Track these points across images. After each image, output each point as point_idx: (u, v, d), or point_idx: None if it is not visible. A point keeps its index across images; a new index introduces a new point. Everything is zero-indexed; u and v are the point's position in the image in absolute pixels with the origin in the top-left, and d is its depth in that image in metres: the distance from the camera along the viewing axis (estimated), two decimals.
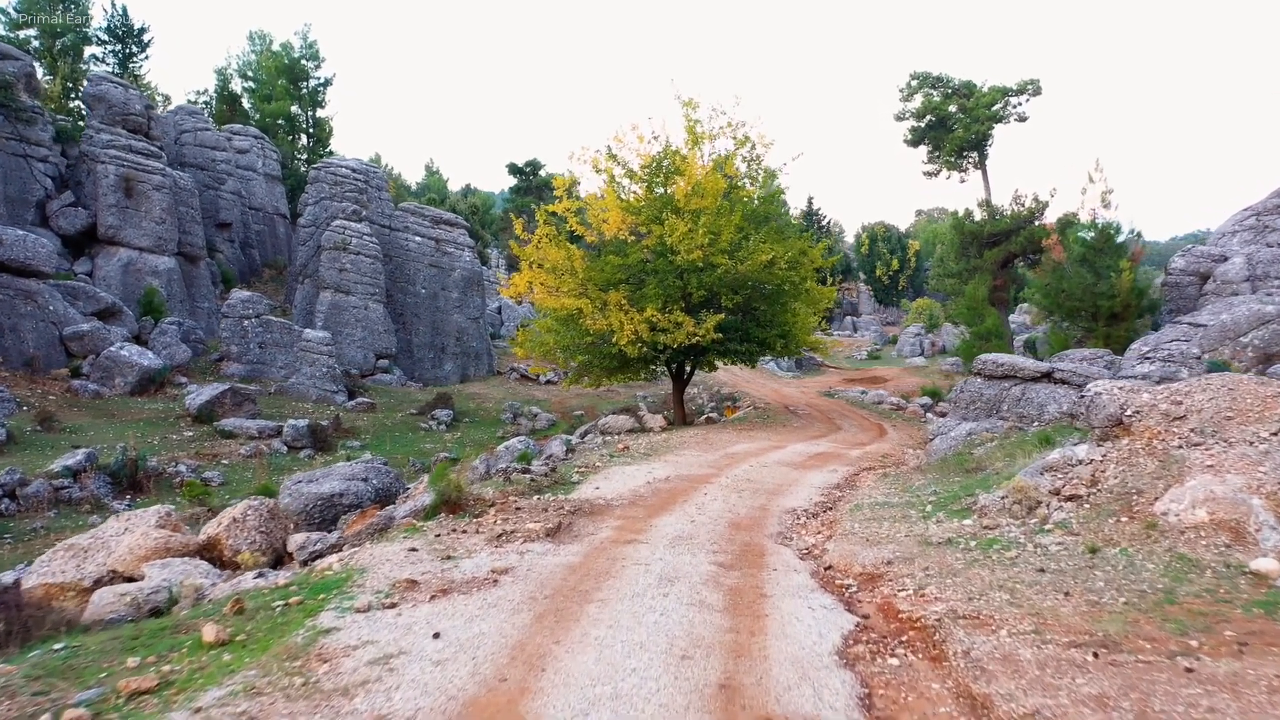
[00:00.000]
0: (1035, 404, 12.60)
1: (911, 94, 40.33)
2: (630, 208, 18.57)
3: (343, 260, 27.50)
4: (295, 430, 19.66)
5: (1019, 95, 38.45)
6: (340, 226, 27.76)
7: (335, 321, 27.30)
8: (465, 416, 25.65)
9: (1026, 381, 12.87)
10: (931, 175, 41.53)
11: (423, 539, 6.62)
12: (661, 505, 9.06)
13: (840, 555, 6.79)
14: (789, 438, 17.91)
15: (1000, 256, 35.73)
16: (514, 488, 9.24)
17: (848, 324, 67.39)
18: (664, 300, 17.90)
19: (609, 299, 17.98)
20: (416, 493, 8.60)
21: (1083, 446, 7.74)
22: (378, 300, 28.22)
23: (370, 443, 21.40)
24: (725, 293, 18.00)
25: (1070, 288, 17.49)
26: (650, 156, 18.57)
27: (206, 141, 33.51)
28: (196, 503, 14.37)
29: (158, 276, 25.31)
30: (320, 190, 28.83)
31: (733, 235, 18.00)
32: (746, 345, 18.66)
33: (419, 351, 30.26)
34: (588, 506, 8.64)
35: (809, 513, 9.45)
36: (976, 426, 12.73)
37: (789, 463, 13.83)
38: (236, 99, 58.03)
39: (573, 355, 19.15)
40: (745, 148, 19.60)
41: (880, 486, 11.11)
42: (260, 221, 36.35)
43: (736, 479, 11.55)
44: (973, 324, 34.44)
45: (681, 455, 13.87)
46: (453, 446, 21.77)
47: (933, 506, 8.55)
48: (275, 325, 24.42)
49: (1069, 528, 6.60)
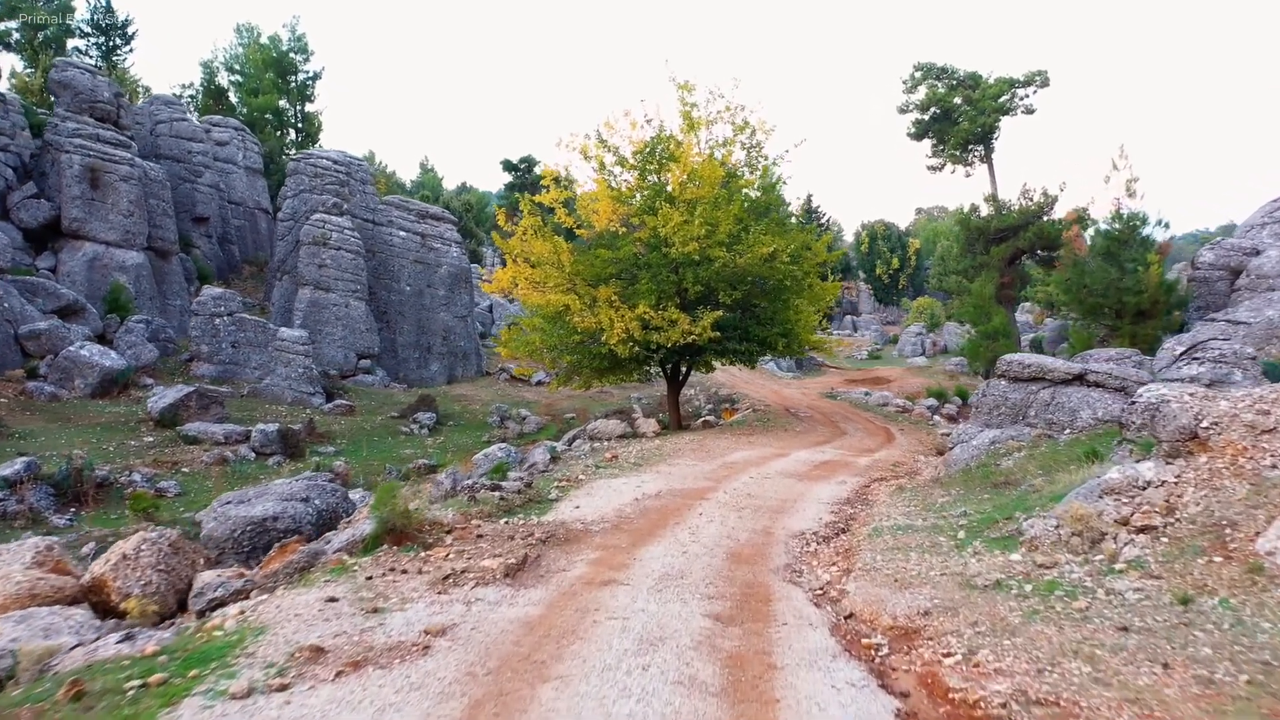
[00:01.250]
0: (1066, 409, 11.38)
1: (915, 86, 39.11)
2: (621, 197, 17.33)
3: (322, 256, 26.20)
4: (264, 435, 18.39)
5: (1026, 87, 37.25)
6: (320, 220, 26.46)
7: (314, 320, 26.00)
8: (450, 419, 24.38)
9: (1056, 384, 11.65)
10: (936, 169, 40.33)
11: (349, 583, 5.37)
12: (649, 529, 7.81)
13: (864, 600, 5.55)
14: (791, 444, 16.68)
15: (1008, 253, 34.51)
16: (479, 509, 7.99)
17: (847, 323, 66.19)
18: (657, 296, 16.65)
19: (599, 295, 16.74)
20: (362, 517, 7.36)
21: (1147, 464, 6.50)
22: (359, 298, 26.92)
23: (346, 448, 20.14)
24: (723, 288, 16.76)
25: (1093, 283, 16.28)
26: (643, 142, 17.32)
27: (183, 133, 32.15)
28: (142, 517, 13.11)
29: (125, 272, 24.01)
30: (299, 183, 27.52)
31: (731, 226, 16.75)
32: (746, 345, 17.41)
33: (404, 351, 28.97)
34: (562, 532, 7.39)
35: (820, 536, 8.22)
36: (1001, 434, 11.50)
37: (793, 473, 12.59)
38: (223, 93, 56.68)
39: (560, 355, 17.90)
40: (744, 134, 18.35)
41: (898, 503, 9.87)
42: (241, 216, 35.01)
43: (736, 494, 10.30)
44: (979, 323, 33.27)
45: (675, 465, 12.62)
46: (433, 452, 20.51)
47: (965, 533, 7.31)
48: (249, 324, 23.13)
49: (1146, 568, 5.37)
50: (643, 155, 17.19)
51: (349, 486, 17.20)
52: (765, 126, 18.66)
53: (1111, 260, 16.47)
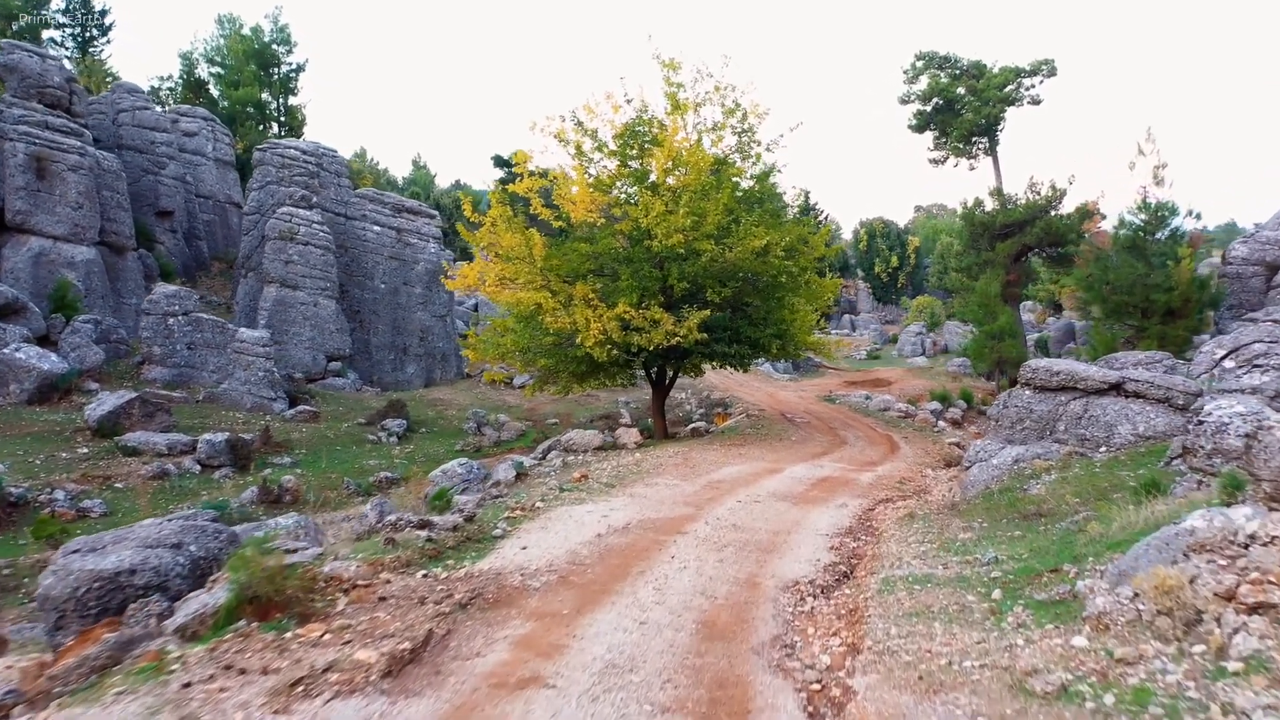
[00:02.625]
0: (1102, 423, 9.86)
1: (917, 75, 37.56)
2: (600, 185, 15.78)
3: (289, 251, 24.61)
4: (211, 446, 16.83)
5: (1032, 76, 35.71)
6: (287, 214, 24.87)
7: (280, 319, 24.42)
8: (422, 426, 22.83)
9: (1089, 395, 10.14)
10: (938, 163, 38.78)
11: (153, 696, 3.81)
12: (604, 582, 6.28)
13: (878, 713, 4.01)
14: (787, 456, 15.16)
15: (1014, 249, 33.06)
16: (396, 555, 6.45)
17: (846, 322, 64.72)
18: (639, 294, 15.13)
19: (574, 292, 15.21)
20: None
21: (1243, 511, 4.98)
22: (329, 296, 25.34)
23: (303, 459, 18.58)
24: (711, 285, 15.23)
25: (1117, 279, 14.79)
26: (623, 126, 15.77)
27: (145, 122, 30.46)
28: (47, 545, 11.55)
29: (74, 269, 22.40)
30: (266, 174, 25.91)
31: (720, 218, 15.23)
32: (736, 347, 15.88)
33: (378, 353, 27.40)
34: (492, 590, 5.85)
35: (818, 587, 6.70)
36: (1025, 451, 9.99)
37: (787, 495, 11.06)
38: (203, 85, 55.07)
39: (533, 359, 16.35)
40: (735, 117, 16.81)
41: (910, 538, 8.34)
42: (210, 211, 33.35)
43: (719, 525, 8.77)
44: (984, 322, 31.83)
45: (653, 485, 11.09)
46: (399, 463, 18.96)
47: (1002, 591, 5.78)
48: (206, 324, 21.56)
49: (1272, 669, 3.85)
50: (623, 139, 15.63)
51: (298, 503, 15.67)
52: (758, 110, 17.13)
53: (1138, 254, 14.98)
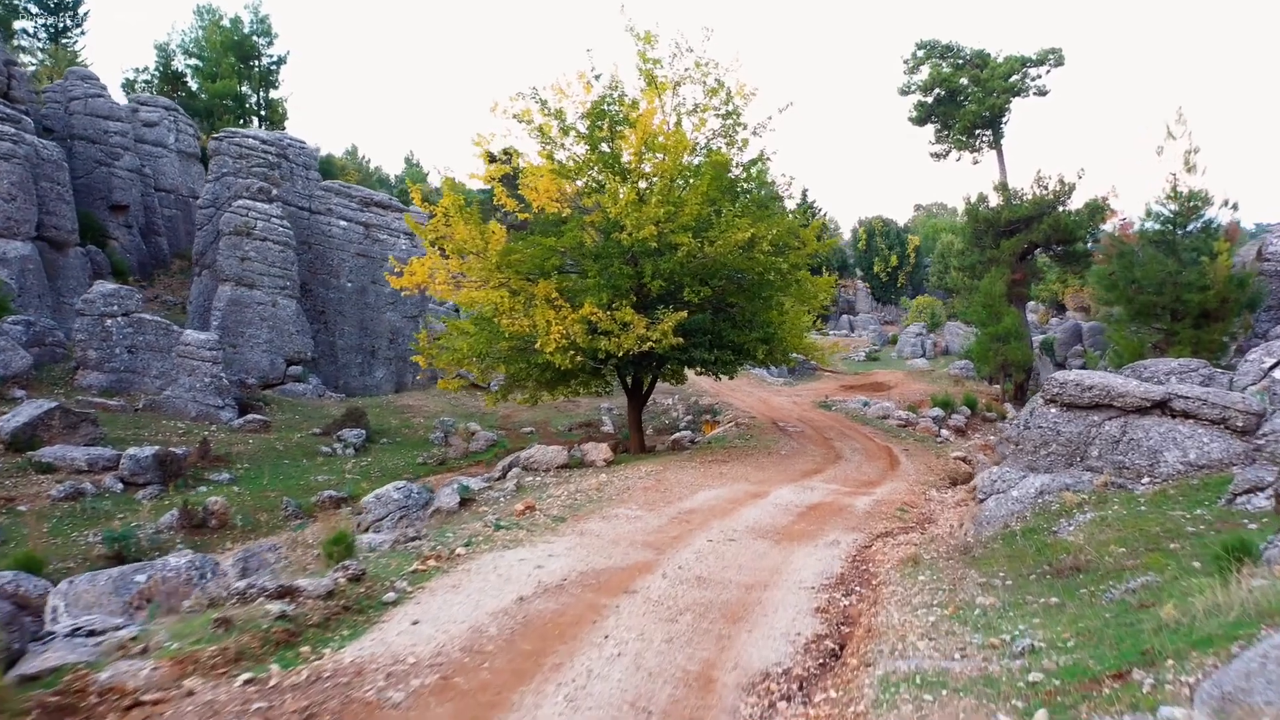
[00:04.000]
0: (1144, 449, 8.22)
1: (917, 65, 35.89)
2: (566, 172, 14.11)
3: (245, 247, 22.91)
4: (135, 462, 15.16)
5: (1039, 66, 34.08)
6: (243, 207, 23.16)
7: (235, 320, 22.72)
8: (384, 436, 21.15)
9: (1128, 413, 8.49)
10: (940, 157, 37.10)
11: None
12: (499, 688, 4.61)
13: None
14: (774, 475, 13.50)
15: (1019, 247, 31.42)
16: (225, 644, 4.78)
17: (844, 323, 63.09)
18: (610, 294, 13.47)
19: (536, 291, 13.55)
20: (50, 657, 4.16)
21: None
22: (289, 295, 23.64)
23: (244, 475, 16.90)
24: (689, 283, 13.56)
25: (1145, 277, 13.16)
26: (592, 105, 14.09)
27: (98, 110, 28.68)
28: None
29: (6, 265, 20.70)
30: (222, 165, 24.20)
31: (700, 207, 13.58)
32: (718, 353, 14.20)
33: (344, 356, 25.71)
34: (333, 709, 4.18)
35: (795, 681, 5.05)
36: (1051, 481, 8.35)
37: (769, 529, 9.41)
38: (180, 77, 53.41)
39: (493, 365, 14.69)
40: (718, 97, 15.13)
41: (916, 599, 6.67)
42: (171, 205, 31.58)
43: (679, 578, 7.12)
44: (987, 323, 30.25)
45: (611, 519, 9.42)
46: (351, 478, 17.29)
47: (1048, 711, 4.11)
48: (149, 325, 19.87)
49: None
50: (592, 119, 13.96)
51: (225, 527, 14.00)
52: (745, 90, 15.45)
53: (1167, 249, 13.35)
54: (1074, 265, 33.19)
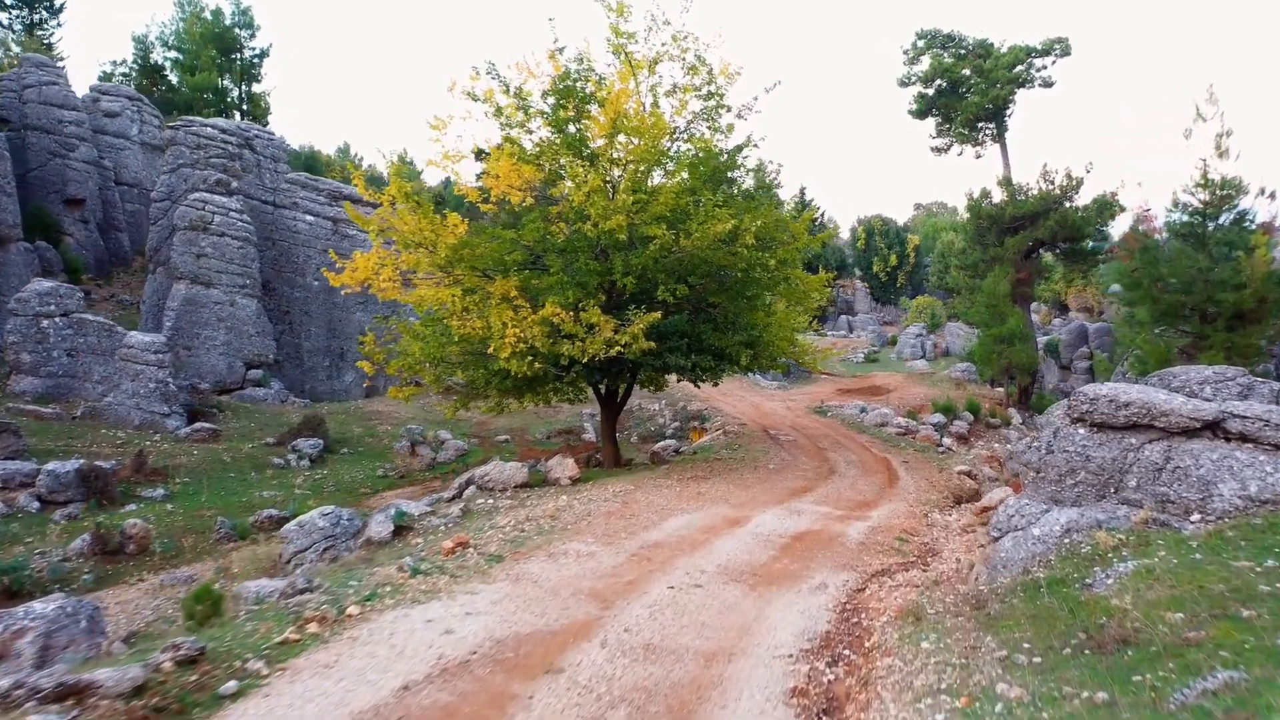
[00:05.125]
0: (1193, 479, 6.82)
1: (918, 56, 34.52)
2: (527, 157, 12.68)
3: (202, 243, 21.47)
4: (55, 478, 13.74)
5: (1044, 56, 32.69)
6: (199, 201, 21.72)
7: (190, 321, 21.29)
8: (345, 445, 19.71)
9: (1172, 436, 7.09)
10: (941, 151, 35.76)
11: None
12: None
13: None
14: (758, 495, 12.07)
15: (1024, 244, 30.05)
16: None
17: (843, 323, 61.66)
18: (577, 293, 12.03)
19: (493, 289, 12.13)
20: None
21: None
22: (249, 294, 22.20)
23: (181, 491, 15.47)
24: (663, 280, 12.13)
25: (1172, 274, 11.75)
26: (557, 78, 12.66)
27: (52, 99, 27.17)
28: None
29: None
30: (179, 155, 22.75)
31: (676, 197, 12.16)
32: (696, 358, 12.77)
33: (310, 358, 24.27)
34: None
35: None
36: (1080, 517, 6.95)
37: (745, 568, 7.98)
38: (159, 70, 51.94)
39: (449, 371, 13.26)
40: (699, 76, 13.70)
41: (918, 678, 5.23)
42: (135, 200, 30.07)
43: (621, 646, 5.70)
44: (991, 324, 28.89)
45: (558, 557, 8.00)
46: (301, 494, 15.87)
47: None
48: (91, 326, 18.45)
49: None
50: (556, 96, 12.53)
51: (145, 553, 12.57)
52: (729, 69, 14.02)
53: (1196, 243, 11.96)
54: (1081, 264, 31.85)
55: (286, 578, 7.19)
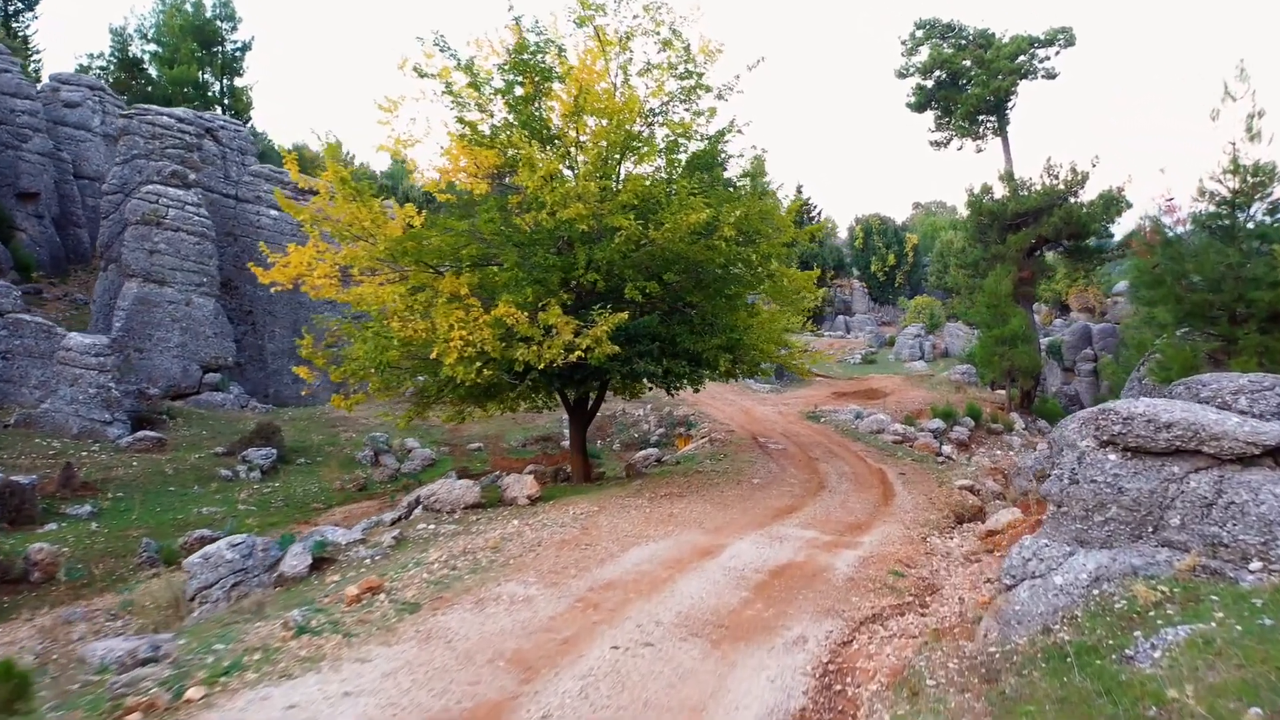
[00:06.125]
0: (1251, 518, 5.59)
1: (916, 46, 33.23)
2: (480, 139, 11.40)
3: (155, 239, 20.18)
4: None
5: (1047, 46, 31.44)
6: (152, 194, 20.41)
7: (142, 321, 19.99)
8: (302, 455, 18.42)
9: (1224, 463, 5.84)
10: (940, 145, 34.48)
11: None
12: None
13: None
14: (737, 518, 10.79)
15: (1027, 242, 28.78)
16: None
17: (840, 324, 60.41)
18: (538, 291, 10.75)
19: (440, 287, 10.86)
20: None
21: None
22: (206, 293, 20.90)
23: (111, 507, 14.17)
24: (631, 277, 10.86)
25: (1199, 270, 10.53)
26: (514, 47, 11.37)
27: (4, 87, 25.75)
28: None
29: None
30: (132, 145, 21.44)
31: (647, 185, 10.89)
32: (669, 362, 11.48)
33: (275, 361, 22.97)
34: None
35: None
36: (1112, 562, 5.72)
37: (707, 620, 6.71)
38: (138, 64, 50.59)
39: (395, 378, 11.97)
40: (676, 53, 12.42)
41: None
42: (96, 194, 28.66)
43: None
44: (992, 325, 27.64)
45: (487, 604, 6.72)
46: (245, 510, 14.58)
47: None
48: (28, 327, 17.18)
49: None
50: (512, 69, 11.24)
51: (51, 582, 11.30)
52: (708, 47, 12.75)
53: (1225, 236, 10.75)
54: (1085, 262, 30.61)
55: (143, 637, 5.90)
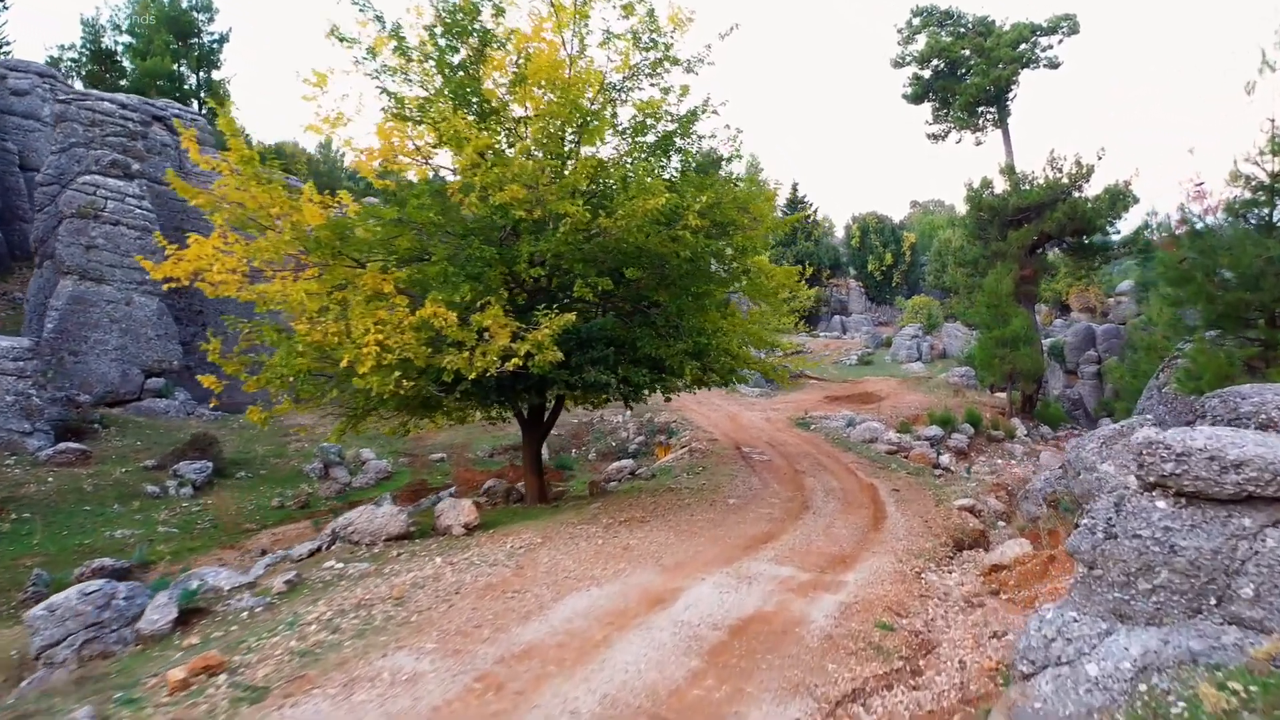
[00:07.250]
0: None
1: (914, 34, 31.84)
2: (408, 113, 9.94)
3: (92, 233, 18.69)
4: None
5: (1050, 34, 30.05)
6: (89, 185, 18.93)
7: (77, 322, 18.50)
8: (242, 468, 16.93)
9: None
10: (938, 138, 33.09)
11: None
12: None
13: None
14: (703, 550, 9.32)
15: (1029, 238, 27.36)
16: None
17: (836, 324, 58.95)
18: (474, 287, 9.30)
19: (361, 282, 9.38)
20: None
21: None
22: (148, 292, 19.41)
23: (15, 529, 12.68)
24: (581, 271, 9.39)
25: (1235, 266, 9.12)
26: (447, 12, 9.91)
27: None
28: None
29: None
30: (70, 133, 19.90)
31: (595, 167, 9.43)
32: (628, 370, 10.00)
33: None
34: None
35: None
36: (1163, 645, 4.24)
37: (638, 710, 5.23)
38: (110, 56, 49.05)
39: (315, 389, 10.51)
40: (641, 20, 10.95)
41: None
42: None
43: None
44: (992, 326, 26.24)
45: (355, 689, 5.25)
46: (166, 532, 13.08)
47: None
48: None
49: None
50: (445, 30, 9.77)
51: None
52: (679, 16, 11.26)
53: (1264, 227, 9.34)
54: (1090, 259, 29.21)
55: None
